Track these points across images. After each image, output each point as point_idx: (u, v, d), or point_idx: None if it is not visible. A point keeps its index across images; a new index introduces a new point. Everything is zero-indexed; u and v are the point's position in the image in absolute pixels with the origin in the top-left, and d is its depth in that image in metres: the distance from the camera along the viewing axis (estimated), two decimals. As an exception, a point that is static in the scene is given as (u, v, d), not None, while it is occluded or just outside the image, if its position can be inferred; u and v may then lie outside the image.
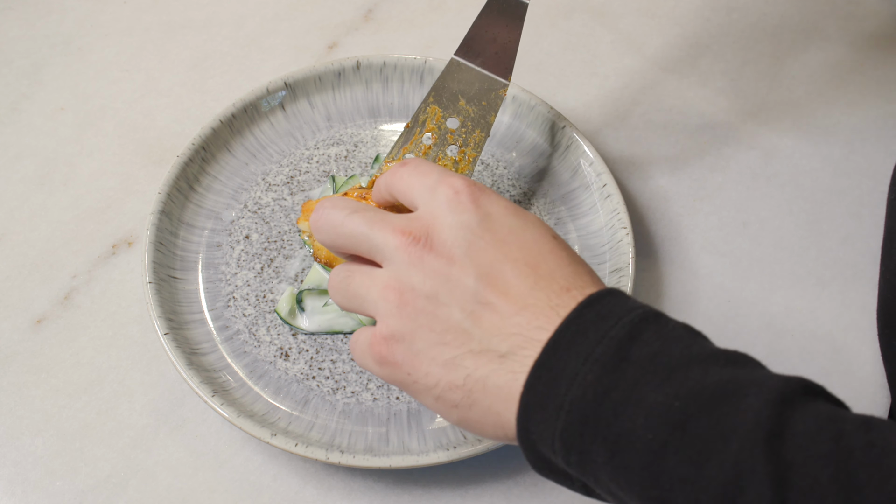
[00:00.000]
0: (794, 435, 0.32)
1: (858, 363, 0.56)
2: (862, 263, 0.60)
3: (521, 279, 0.39)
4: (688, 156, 0.65)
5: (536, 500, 0.50)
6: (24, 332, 0.55)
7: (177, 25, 0.70)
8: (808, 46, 0.71)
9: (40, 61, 0.68)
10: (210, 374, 0.51)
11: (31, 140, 0.64)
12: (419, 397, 0.41)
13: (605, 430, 0.35)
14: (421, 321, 0.40)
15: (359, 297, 0.43)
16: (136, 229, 0.59)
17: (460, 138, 0.55)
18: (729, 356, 0.36)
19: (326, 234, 0.44)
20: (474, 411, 0.40)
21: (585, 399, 0.35)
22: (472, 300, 0.39)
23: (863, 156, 0.65)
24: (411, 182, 0.44)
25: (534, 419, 0.37)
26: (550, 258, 0.41)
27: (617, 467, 0.35)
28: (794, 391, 0.34)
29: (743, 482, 0.32)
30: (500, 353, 0.38)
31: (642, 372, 0.35)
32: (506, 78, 0.54)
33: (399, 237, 0.41)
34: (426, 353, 0.40)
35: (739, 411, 0.33)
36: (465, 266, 0.40)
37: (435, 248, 0.40)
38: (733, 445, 0.32)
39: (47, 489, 0.50)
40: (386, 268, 0.42)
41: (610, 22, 0.72)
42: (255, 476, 0.51)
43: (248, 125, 0.61)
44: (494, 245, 0.40)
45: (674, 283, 0.59)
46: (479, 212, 0.41)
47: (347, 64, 0.62)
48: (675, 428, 0.33)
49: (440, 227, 0.41)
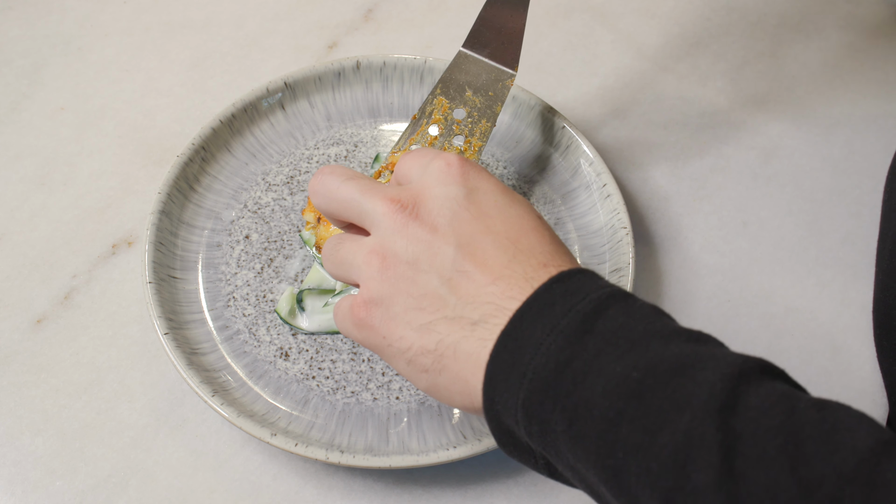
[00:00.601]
0: (746, 408, 0.33)
1: (858, 363, 0.56)
2: (861, 263, 0.60)
3: (501, 251, 0.41)
4: (688, 156, 0.65)
5: (536, 499, 0.50)
6: (24, 331, 0.55)
7: (177, 25, 0.70)
8: (807, 46, 0.71)
9: (40, 61, 0.68)
10: (210, 374, 0.51)
11: (31, 140, 0.64)
12: (392, 361, 0.42)
13: (564, 398, 0.36)
14: (400, 286, 0.41)
15: (346, 263, 0.44)
16: (136, 229, 0.59)
17: (466, 128, 0.55)
18: (691, 334, 0.37)
19: (322, 198, 0.46)
20: (443, 377, 0.40)
21: (547, 368, 0.36)
22: (451, 268, 0.40)
23: (863, 156, 0.65)
24: (411, 163, 0.46)
25: (498, 388, 0.38)
26: (532, 235, 0.42)
27: (575, 437, 0.35)
28: (751, 369, 0.34)
29: (692, 450, 0.32)
30: (472, 321, 0.39)
31: (604, 344, 0.36)
32: (512, 68, 0.55)
33: (388, 204, 0.42)
34: (402, 317, 0.41)
35: (695, 383, 0.33)
36: (447, 235, 0.41)
37: (420, 217, 0.42)
38: (686, 415, 0.33)
39: (47, 489, 0.50)
40: (373, 234, 0.43)
41: (610, 22, 0.72)
42: (255, 476, 0.51)
43: (248, 125, 0.61)
44: (478, 218, 0.42)
45: (674, 283, 0.59)
46: (466, 185, 0.43)
47: (347, 64, 0.62)
48: (632, 397, 0.34)
49: (428, 197, 0.42)
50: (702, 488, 0.32)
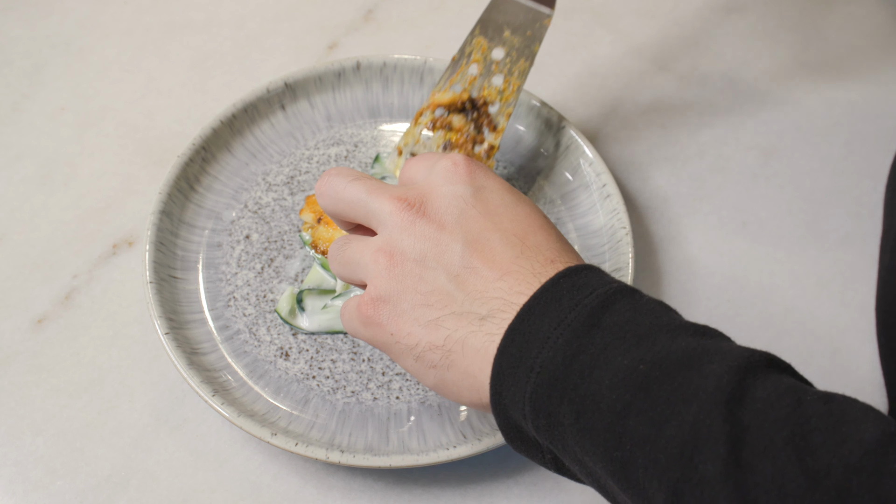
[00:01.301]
0: (753, 400, 0.33)
1: (857, 363, 0.56)
2: (861, 263, 0.60)
3: (508, 248, 0.41)
4: (688, 156, 0.65)
5: (536, 499, 0.50)
6: (24, 331, 0.55)
7: (177, 26, 0.70)
8: (807, 47, 0.71)
9: (41, 62, 0.68)
10: (210, 374, 0.51)
11: (31, 140, 0.64)
12: (399, 359, 0.42)
13: (572, 391, 0.36)
14: (408, 283, 0.41)
15: (352, 263, 0.44)
16: (137, 229, 0.59)
17: (505, 67, 0.56)
18: (698, 328, 0.37)
19: (329, 199, 0.46)
20: (451, 373, 0.41)
21: (555, 361, 0.36)
22: (459, 264, 0.41)
23: (862, 156, 0.65)
24: (417, 166, 0.46)
25: (506, 382, 0.38)
26: (539, 233, 0.42)
27: (582, 429, 0.35)
28: (758, 362, 0.34)
29: (699, 442, 0.32)
30: (480, 316, 0.40)
31: (611, 337, 0.36)
32: (550, 7, 0.55)
33: (395, 203, 0.43)
34: (410, 314, 0.41)
35: (702, 376, 0.34)
36: (455, 232, 0.41)
37: (427, 215, 0.42)
38: (693, 407, 0.33)
39: (48, 488, 0.50)
40: (380, 233, 0.43)
41: (610, 22, 0.72)
42: (255, 475, 0.51)
43: (249, 125, 0.61)
44: (485, 215, 0.42)
45: (673, 283, 0.59)
46: (473, 183, 0.43)
47: (347, 64, 0.62)
48: (639, 390, 0.34)
49: (435, 195, 0.43)
50: (709, 479, 0.32)
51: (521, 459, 0.51)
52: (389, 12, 0.72)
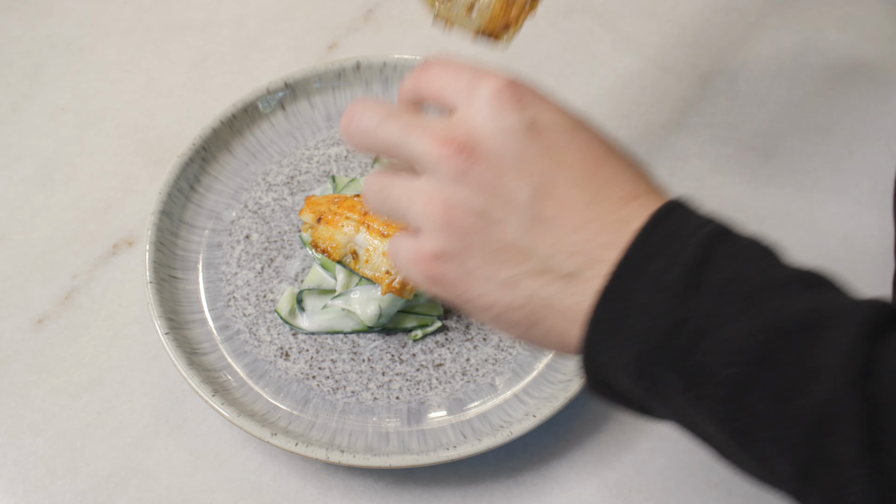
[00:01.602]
0: (884, 373, 0.30)
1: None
2: (861, 263, 0.60)
3: (579, 190, 0.36)
4: (688, 155, 0.65)
5: (536, 499, 0.50)
6: (25, 331, 0.55)
7: (177, 26, 0.70)
8: (807, 47, 0.71)
9: (41, 62, 0.68)
10: (210, 374, 0.51)
11: (32, 140, 0.64)
12: (475, 316, 0.39)
13: (681, 360, 0.33)
14: (471, 239, 0.37)
15: (399, 209, 0.39)
16: (137, 229, 0.59)
17: None
18: (809, 279, 0.34)
19: (359, 141, 0.40)
20: (536, 331, 0.37)
21: (657, 329, 0.34)
22: (528, 215, 0.36)
23: (862, 156, 0.65)
24: (443, 83, 0.39)
25: (601, 347, 0.35)
26: (607, 164, 0.37)
27: (694, 398, 0.33)
28: (880, 322, 0.32)
29: (831, 422, 0.30)
30: (562, 274, 0.36)
31: (718, 302, 0.33)
32: None
33: (441, 147, 0.37)
34: (480, 272, 0.37)
35: (826, 346, 0.31)
36: (517, 177, 0.36)
37: (481, 159, 0.36)
38: (820, 385, 0.31)
39: (48, 488, 0.50)
40: (428, 180, 0.38)
41: (610, 22, 0.72)
42: (255, 475, 0.51)
43: (249, 125, 0.61)
44: (547, 152, 0.37)
45: (673, 283, 0.59)
46: (525, 114, 0.37)
47: (347, 64, 0.62)
48: (757, 363, 0.32)
49: (485, 134, 0.37)
50: (843, 461, 0.30)
51: (521, 459, 0.51)
52: (389, 12, 0.72)
